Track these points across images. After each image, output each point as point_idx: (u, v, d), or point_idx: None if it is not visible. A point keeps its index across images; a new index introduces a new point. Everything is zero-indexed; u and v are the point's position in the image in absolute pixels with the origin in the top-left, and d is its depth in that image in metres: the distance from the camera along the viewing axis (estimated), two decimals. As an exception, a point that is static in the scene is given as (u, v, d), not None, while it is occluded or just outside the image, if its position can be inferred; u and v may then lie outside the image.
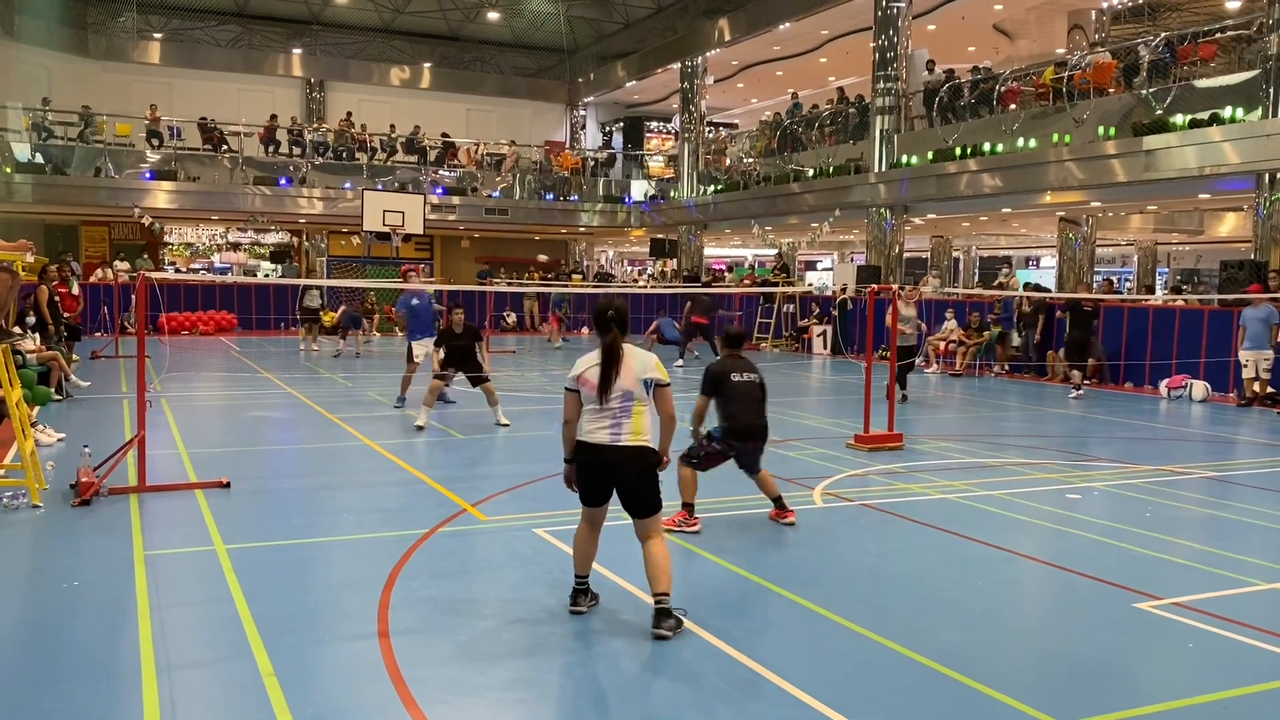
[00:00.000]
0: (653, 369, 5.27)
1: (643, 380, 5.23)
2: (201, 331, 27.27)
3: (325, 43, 36.27)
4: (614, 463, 5.20)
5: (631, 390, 5.21)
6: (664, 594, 5.11)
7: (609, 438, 5.18)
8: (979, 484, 9.05)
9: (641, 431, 5.22)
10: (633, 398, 5.21)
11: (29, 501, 7.54)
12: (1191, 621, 5.45)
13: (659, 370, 5.28)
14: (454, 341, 11.89)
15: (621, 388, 5.19)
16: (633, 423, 5.21)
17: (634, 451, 5.20)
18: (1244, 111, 16.73)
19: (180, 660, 4.71)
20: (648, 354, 5.35)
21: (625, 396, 5.20)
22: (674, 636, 5.03)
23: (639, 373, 5.23)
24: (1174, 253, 36.73)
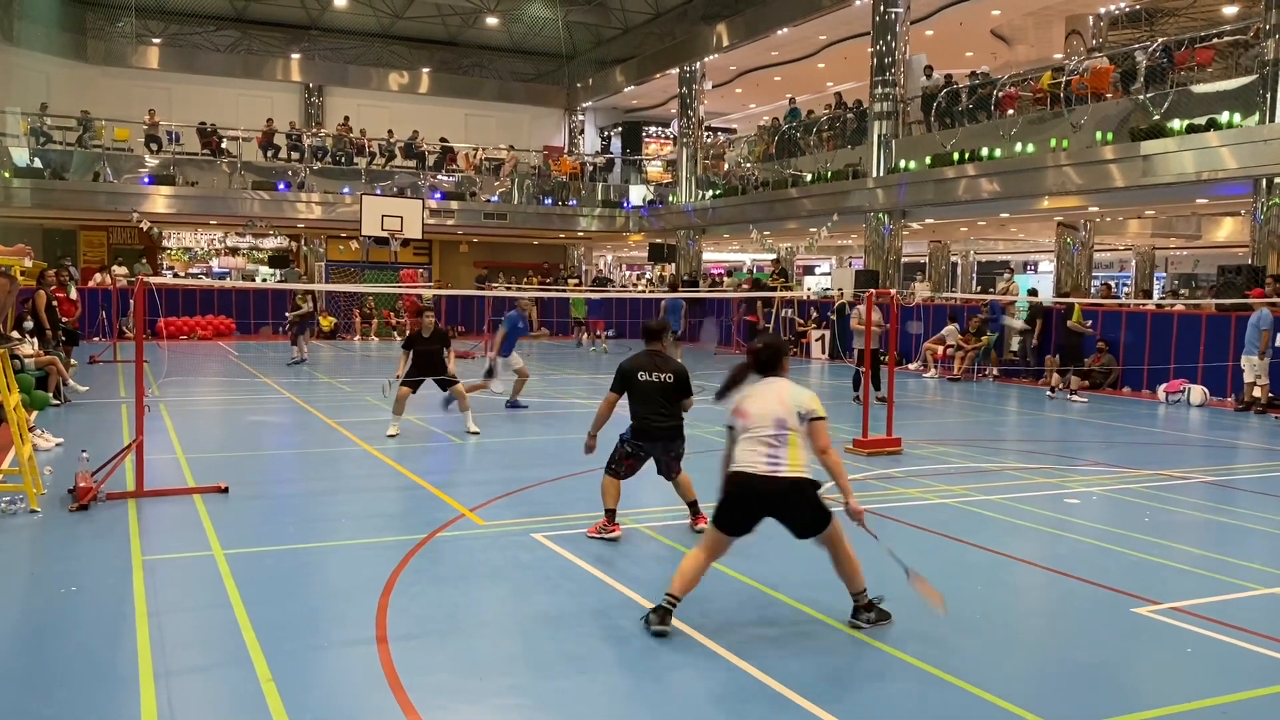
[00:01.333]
0: (808, 402, 5.26)
1: (798, 412, 5.23)
2: (200, 336, 27.26)
3: (324, 48, 36.31)
4: (765, 493, 5.14)
5: (784, 419, 5.22)
6: (857, 593, 5.36)
7: (763, 469, 5.14)
8: (977, 488, 9.05)
9: (800, 463, 5.19)
10: (785, 427, 5.22)
11: (27, 506, 7.53)
12: (1190, 626, 5.45)
13: (813, 402, 5.26)
14: (423, 345, 11.65)
15: (772, 417, 5.23)
16: (791, 453, 5.18)
17: (786, 483, 5.15)
18: (1241, 117, 16.76)
19: (178, 666, 4.70)
20: (799, 389, 5.33)
21: (779, 426, 5.22)
22: (870, 626, 5.30)
23: (794, 405, 5.24)
24: (1172, 257, 36.79)
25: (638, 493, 9.13)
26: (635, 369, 7.06)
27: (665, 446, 7.11)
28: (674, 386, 7.06)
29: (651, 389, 7.05)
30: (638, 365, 7.07)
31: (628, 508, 8.05)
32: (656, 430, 7.07)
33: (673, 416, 7.11)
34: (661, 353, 7.22)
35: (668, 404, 7.06)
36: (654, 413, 7.06)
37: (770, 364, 5.45)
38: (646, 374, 7.03)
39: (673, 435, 7.13)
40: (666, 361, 7.14)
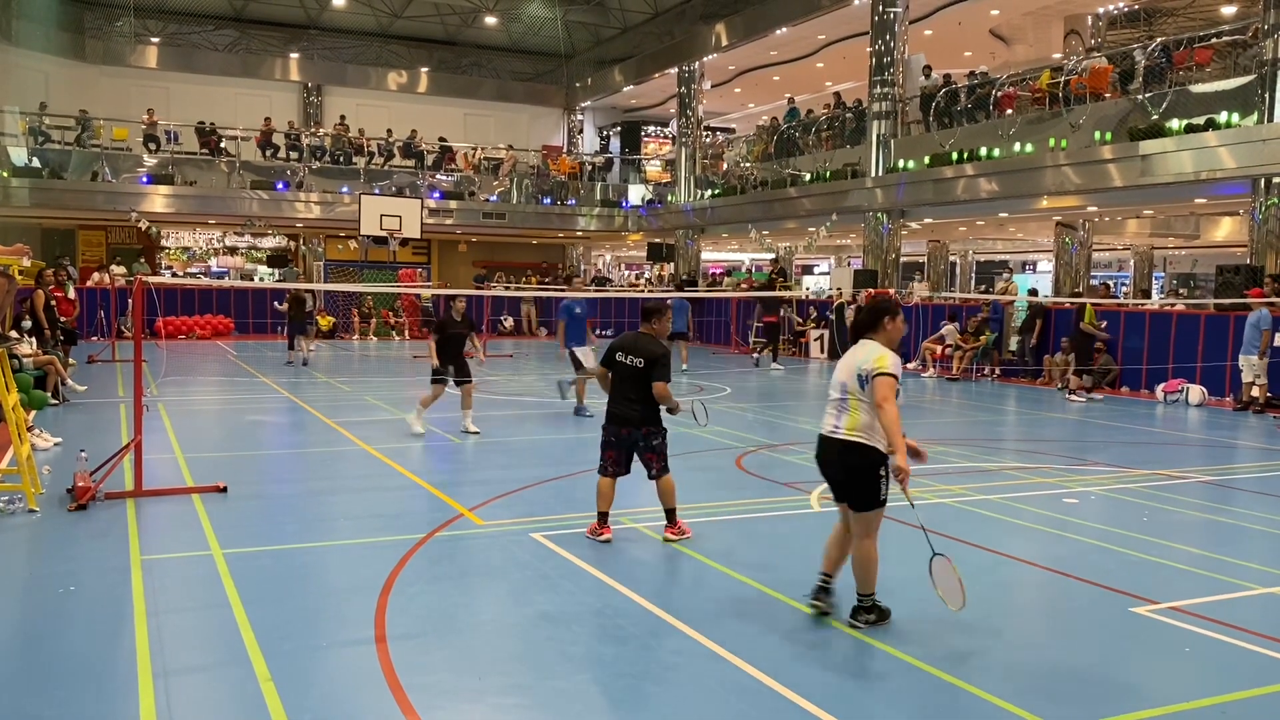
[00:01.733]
0: (871, 361, 5.20)
1: (858, 374, 5.22)
2: (198, 336, 27.25)
3: (322, 47, 36.30)
4: (825, 455, 5.36)
5: (845, 383, 5.27)
6: (863, 594, 5.34)
7: (828, 428, 5.35)
8: (976, 488, 9.05)
9: (856, 427, 5.21)
10: (846, 391, 5.27)
11: (25, 506, 7.53)
12: (1188, 626, 5.46)
13: (877, 361, 5.19)
14: (454, 330, 11.61)
15: (838, 381, 5.32)
16: (849, 417, 5.24)
17: (838, 444, 5.26)
18: (1240, 116, 16.77)
19: (177, 666, 4.70)
20: (876, 349, 5.26)
21: (841, 389, 5.29)
22: (866, 629, 5.26)
23: (858, 365, 5.24)
24: (1170, 257, 36.79)
25: (635, 493, 9.14)
26: (616, 348, 6.94)
27: (631, 435, 6.82)
28: (643, 371, 6.76)
29: (624, 371, 6.86)
30: (620, 344, 6.95)
31: (626, 507, 8.05)
32: (619, 415, 6.86)
33: (640, 402, 6.78)
34: (648, 334, 6.95)
35: (636, 389, 6.79)
36: (622, 396, 6.88)
37: (864, 326, 5.44)
38: (624, 355, 6.86)
39: (638, 423, 6.80)
40: (645, 344, 6.86)
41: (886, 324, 5.40)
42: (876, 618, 5.34)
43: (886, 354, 5.24)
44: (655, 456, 6.87)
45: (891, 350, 5.31)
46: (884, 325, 5.39)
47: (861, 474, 5.23)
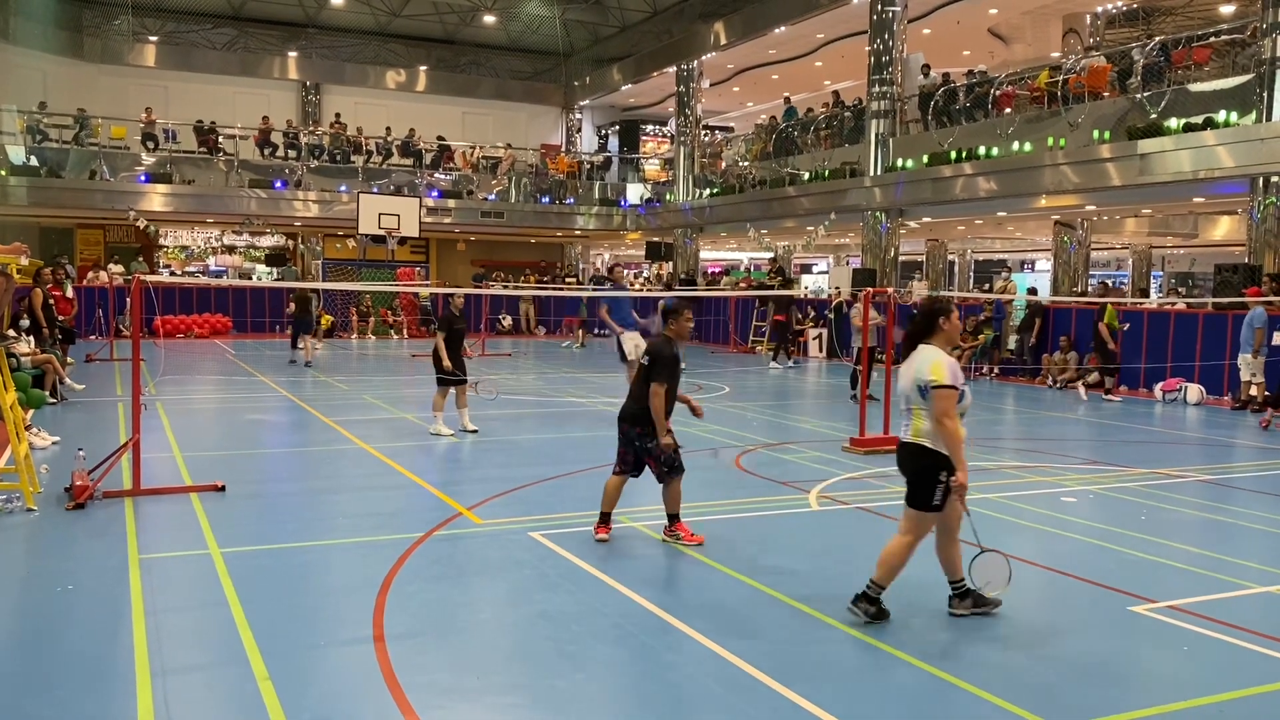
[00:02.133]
0: (928, 371, 5.22)
1: (918, 384, 5.26)
2: (196, 334, 27.23)
3: (321, 46, 36.28)
4: (899, 457, 5.44)
5: (907, 394, 5.33)
6: (874, 582, 5.36)
7: (901, 434, 5.43)
8: (974, 487, 9.02)
9: (920, 433, 5.27)
10: (909, 401, 5.32)
11: (23, 505, 7.52)
12: (1186, 625, 5.46)
13: (933, 371, 5.20)
14: (458, 326, 11.56)
15: (901, 392, 5.39)
16: (913, 424, 5.32)
17: (906, 448, 5.34)
18: (1238, 115, 16.77)
19: (175, 665, 4.70)
20: (931, 356, 5.28)
21: (905, 400, 5.35)
22: (864, 619, 5.30)
23: (915, 376, 5.29)
24: (1168, 256, 36.80)
25: (634, 492, 9.14)
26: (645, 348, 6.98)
27: (628, 432, 6.79)
28: (645, 369, 6.75)
29: (641, 368, 6.86)
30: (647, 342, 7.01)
31: (625, 507, 8.05)
32: (623, 410, 6.85)
33: (639, 400, 6.73)
34: (666, 335, 6.88)
35: (641, 386, 6.75)
36: (631, 392, 6.89)
37: (920, 333, 5.45)
38: (643, 352, 6.94)
39: (633, 421, 6.75)
40: (656, 344, 6.85)
41: (942, 324, 5.39)
42: (875, 613, 5.34)
43: (942, 363, 5.23)
44: (652, 460, 6.76)
45: (949, 353, 5.36)
46: (940, 327, 5.39)
47: (919, 474, 5.28)
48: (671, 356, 6.71)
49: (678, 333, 6.82)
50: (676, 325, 6.82)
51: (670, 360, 6.69)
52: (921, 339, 5.42)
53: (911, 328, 5.50)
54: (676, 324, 6.82)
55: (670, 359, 6.70)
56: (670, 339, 6.81)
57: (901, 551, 5.33)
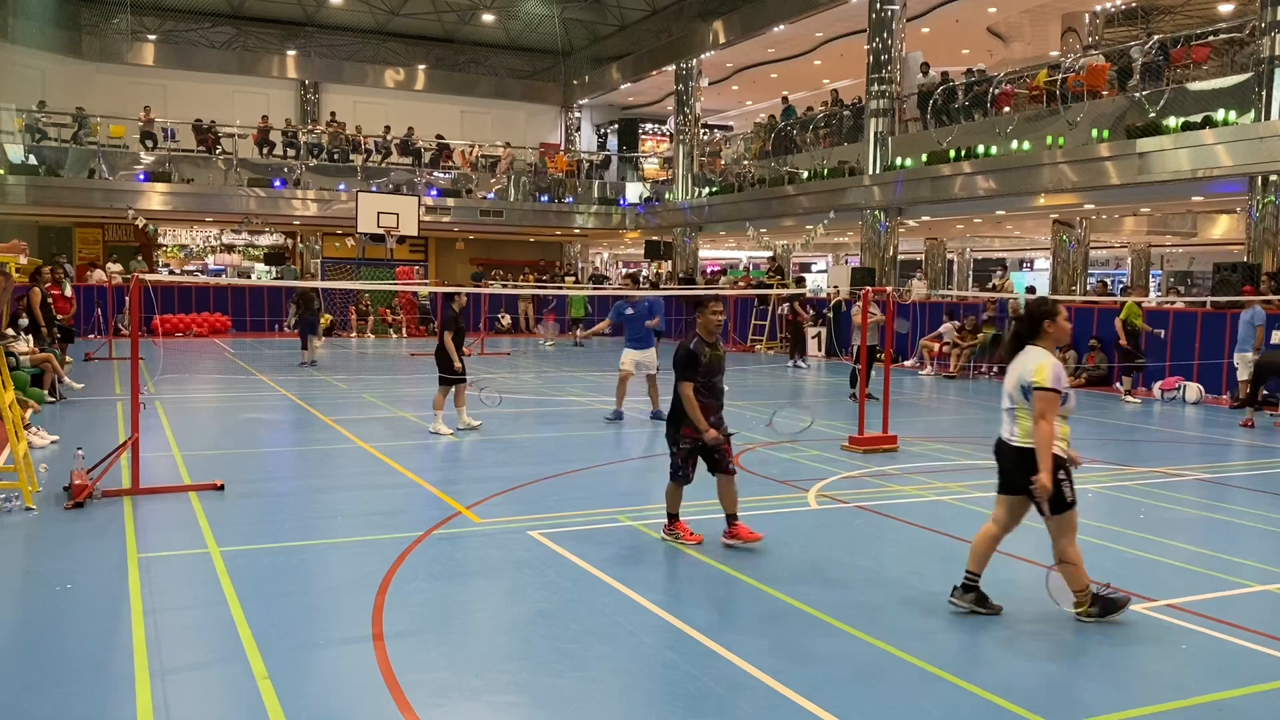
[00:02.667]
0: (1032, 373, 5.24)
1: (1021, 385, 5.28)
2: (195, 333, 27.22)
3: (320, 44, 36.25)
4: (1000, 455, 5.51)
5: (1011, 394, 5.37)
6: (970, 571, 5.52)
7: (1004, 434, 5.49)
8: (973, 485, 9.05)
9: (1027, 434, 5.30)
10: (1014, 401, 5.35)
11: (22, 504, 7.52)
12: (1185, 623, 5.47)
13: (1037, 373, 5.22)
14: (461, 325, 11.64)
15: (1005, 391, 5.44)
16: (1019, 424, 5.35)
17: (1014, 450, 5.37)
18: (1237, 114, 16.78)
19: (174, 664, 4.70)
20: (1037, 358, 5.29)
21: (1009, 399, 5.39)
22: (963, 609, 5.46)
23: (1020, 377, 5.31)
24: (1167, 255, 36.82)
25: (634, 491, 9.14)
26: None
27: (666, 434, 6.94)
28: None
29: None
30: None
31: (624, 505, 8.07)
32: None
33: (674, 401, 6.80)
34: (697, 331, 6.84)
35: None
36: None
37: (1025, 335, 5.47)
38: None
39: (667, 420, 6.92)
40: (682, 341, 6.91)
41: (1048, 327, 5.41)
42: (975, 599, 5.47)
43: (1047, 364, 5.25)
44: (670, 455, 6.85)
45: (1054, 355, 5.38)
46: (1045, 330, 5.41)
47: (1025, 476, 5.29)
48: (687, 354, 6.66)
49: (704, 327, 6.75)
50: (702, 319, 6.78)
51: (685, 358, 6.66)
52: (1027, 340, 5.45)
53: (1017, 329, 5.55)
54: (702, 318, 6.78)
55: (684, 356, 6.66)
56: (697, 336, 6.75)
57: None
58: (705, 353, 6.68)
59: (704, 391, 6.66)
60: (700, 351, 6.67)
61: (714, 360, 6.71)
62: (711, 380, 6.71)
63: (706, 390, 6.68)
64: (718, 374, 6.75)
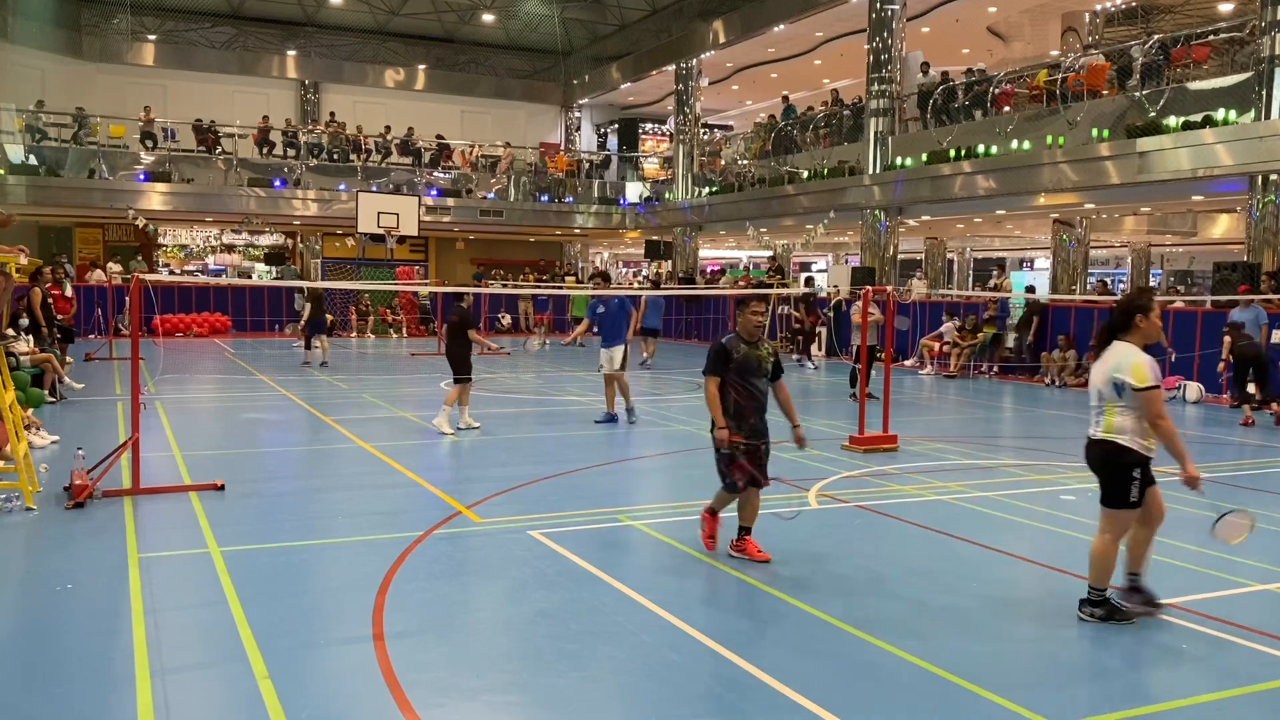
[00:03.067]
0: (1128, 371, 5.17)
1: (1113, 382, 5.22)
2: (196, 333, 27.22)
3: (320, 44, 36.24)
4: (1088, 454, 5.44)
5: (1100, 391, 5.31)
6: (1094, 588, 5.42)
7: (1090, 432, 5.43)
8: (973, 485, 9.06)
9: (1112, 429, 5.25)
10: (1103, 398, 5.29)
11: (22, 504, 7.52)
12: (1186, 623, 5.46)
13: (1134, 373, 5.15)
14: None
15: (1094, 389, 5.38)
16: (1105, 420, 5.29)
17: (1098, 445, 5.33)
18: (1237, 114, 16.78)
19: (174, 664, 4.70)
20: (1130, 356, 5.23)
21: (1098, 395, 5.33)
22: (1093, 621, 5.36)
23: (1111, 373, 5.25)
24: (1167, 254, 36.82)
25: (634, 490, 9.15)
26: None
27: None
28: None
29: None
30: None
31: (624, 505, 8.07)
32: None
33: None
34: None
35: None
36: None
37: (1115, 327, 5.40)
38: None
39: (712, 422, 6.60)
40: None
41: (1139, 322, 5.33)
42: (1105, 614, 5.37)
43: (1143, 364, 5.18)
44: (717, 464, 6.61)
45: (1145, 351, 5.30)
46: (1137, 324, 5.33)
47: (1110, 470, 5.26)
48: (717, 348, 6.49)
49: (743, 327, 6.56)
50: (742, 318, 6.60)
51: (714, 351, 6.49)
52: (1117, 334, 5.38)
53: (1108, 322, 5.46)
54: (742, 317, 6.60)
55: (714, 350, 6.49)
56: (735, 333, 6.59)
57: (1106, 550, 5.35)
58: (740, 349, 6.45)
59: (742, 392, 6.45)
60: (733, 347, 6.46)
61: (749, 359, 6.46)
62: (748, 380, 6.46)
63: (744, 390, 6.45)
64: (755, 374, 6.48)
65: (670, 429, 12.31)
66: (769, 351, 6.62)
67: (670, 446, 11.09)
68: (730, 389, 6.44)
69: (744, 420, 6.46)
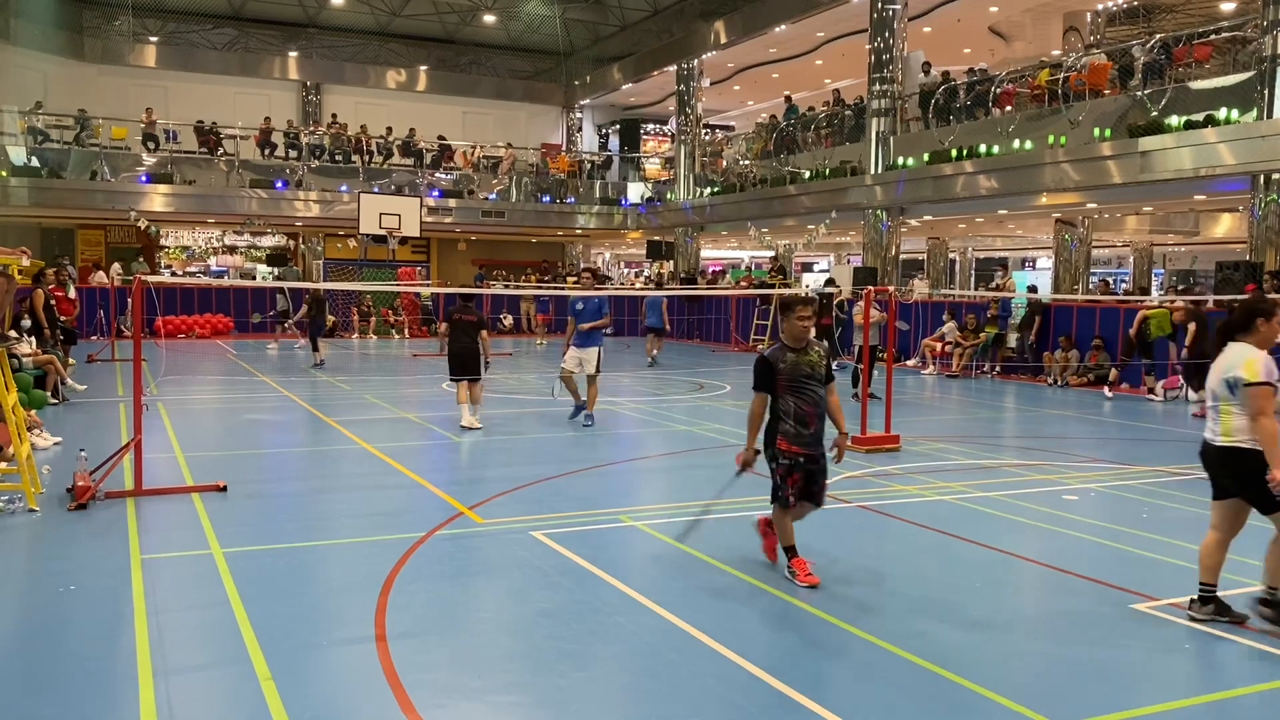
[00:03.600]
0: (1241, 368, 5.11)
1: (1226, 380, 5.17)
2: (198, 335, 27.25)
3: (321, 46, 36.28)
4: (1205, 457, 5.39)
5: (1215, 390, 5.25)
6: (1204, 583, 5.42)
7: (1208, 434, 5.36)
8: (975, 485, 9.05)
9: (1230, 431, 5.19)
10: (1217, 398, 5.24)
11: (25, 506, 7.53)
12: (1188, 623, 5.46)
13: (1246, 368, 5.09)
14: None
15: (1209, 388, 5.32)
16: (1222, 423, 5.23)
17: (1219, 451, 5.25)
18: (1239, 113, 16.76)
19: (177, 665, 4.70)
20: (1244, 353, 5.18)
21: (1213, 396, 5.28)
22: (1204, 619, 5.35)
23: (1225, 372, 5.20)
24: (1170, 254, 36.79)
25: (635, 490, 9.15)
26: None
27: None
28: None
29: None
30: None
31: (625, 505, 8.06)
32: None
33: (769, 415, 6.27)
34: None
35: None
36: None
37: (1234, 327, 5.35)
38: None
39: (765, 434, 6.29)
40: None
41: (1260, 325, 5.29)
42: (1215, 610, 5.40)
43: (1257, 359, 5.14)
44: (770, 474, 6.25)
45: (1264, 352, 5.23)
46: (1257, 326, 5.30)
47: (1251, 478, 5.16)
48: (760, 362, 6.15)
49: (789, 332, 6.20)
50: (787, 324, 6.22)
51: (757, 367, 6.14)
52: (1235, 334, 5.35)
53: (1227, 321, 5.42)
54: (787, 323, 6.22)
55: (758, 365, 6.15)
56: (779, 342, 6.24)
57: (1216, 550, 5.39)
58: (785, 359, 6.09)
59: (802, 398, 6.09)
60: (777, 359, 6.09)
61: (798, 366, 6.09)
62: (805, 385, 6.09)
63: (799, 399, 6.09)
64: (810, 379, 6.11)
65: (671, 429, 12.31)
66: (819, 355, 6.27)
67: (672, 447, 11.09)
68: (789, 398, 6.10)
69: (806, 426, 6.11)
